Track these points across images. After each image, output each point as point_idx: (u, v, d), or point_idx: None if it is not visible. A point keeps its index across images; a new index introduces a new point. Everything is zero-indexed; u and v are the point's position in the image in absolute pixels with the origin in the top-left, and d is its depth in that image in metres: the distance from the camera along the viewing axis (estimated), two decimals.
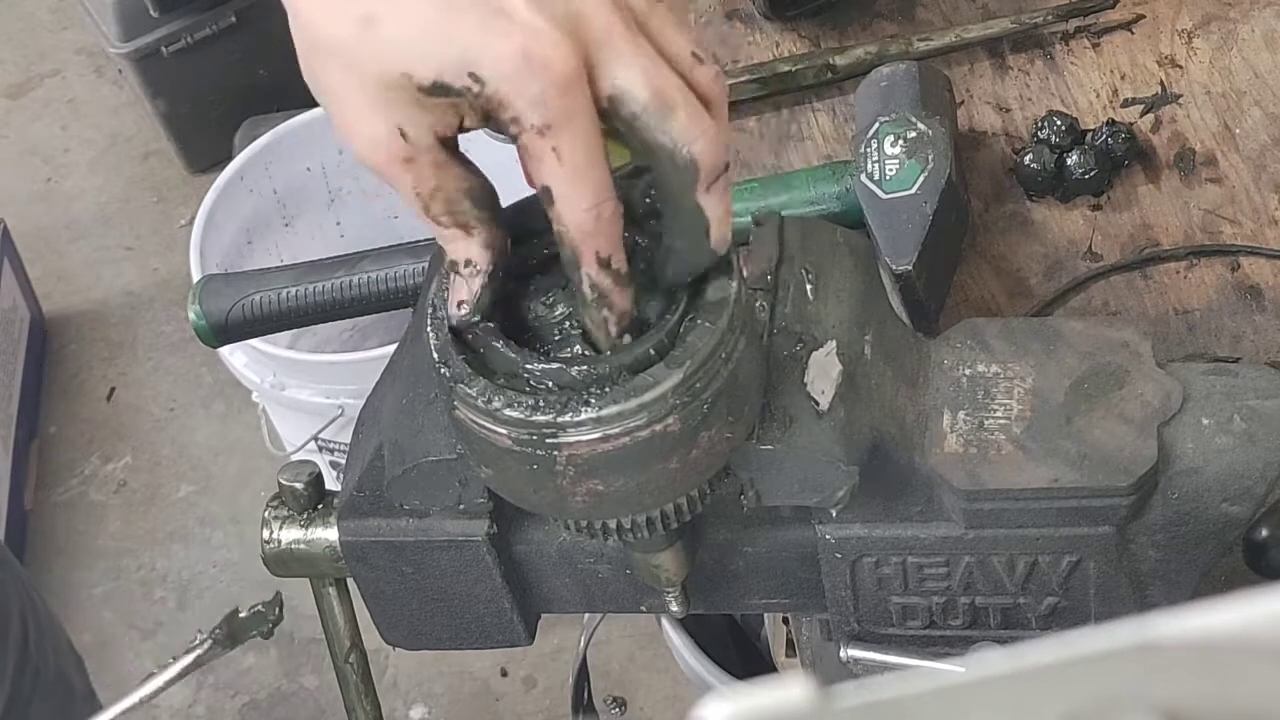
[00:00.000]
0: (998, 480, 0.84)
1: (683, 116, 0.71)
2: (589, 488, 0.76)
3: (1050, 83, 1.24)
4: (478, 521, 0.88)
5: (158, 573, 2.55)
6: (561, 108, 0.68)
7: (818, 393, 0.81)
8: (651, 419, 0.75)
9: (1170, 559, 0.86)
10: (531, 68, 0.67)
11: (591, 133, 0.70)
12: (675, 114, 0.70)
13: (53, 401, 2.78)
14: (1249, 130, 1.19)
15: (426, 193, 0.73)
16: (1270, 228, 1.14)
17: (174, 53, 2.79)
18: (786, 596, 0.93)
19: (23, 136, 3.17)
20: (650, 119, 0.70)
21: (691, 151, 0.71)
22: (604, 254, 0.72)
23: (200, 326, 1.12)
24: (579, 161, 0.70)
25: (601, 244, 0.72)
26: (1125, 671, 0.41)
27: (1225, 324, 1.09)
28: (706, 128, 0.71)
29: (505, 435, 0.76)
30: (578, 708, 1.69)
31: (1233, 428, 0.85)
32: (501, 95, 0.68)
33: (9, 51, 3.29)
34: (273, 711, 2.43)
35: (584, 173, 0.70)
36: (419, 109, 0.70)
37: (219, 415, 2.73)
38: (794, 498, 0.83)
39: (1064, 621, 0.89)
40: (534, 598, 0.94)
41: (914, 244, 1.09)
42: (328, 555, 0.95)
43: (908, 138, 1.12)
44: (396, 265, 1.08)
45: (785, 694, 0.42)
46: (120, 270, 2.95)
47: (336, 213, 2.45)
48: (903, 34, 1.28)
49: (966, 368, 0.88)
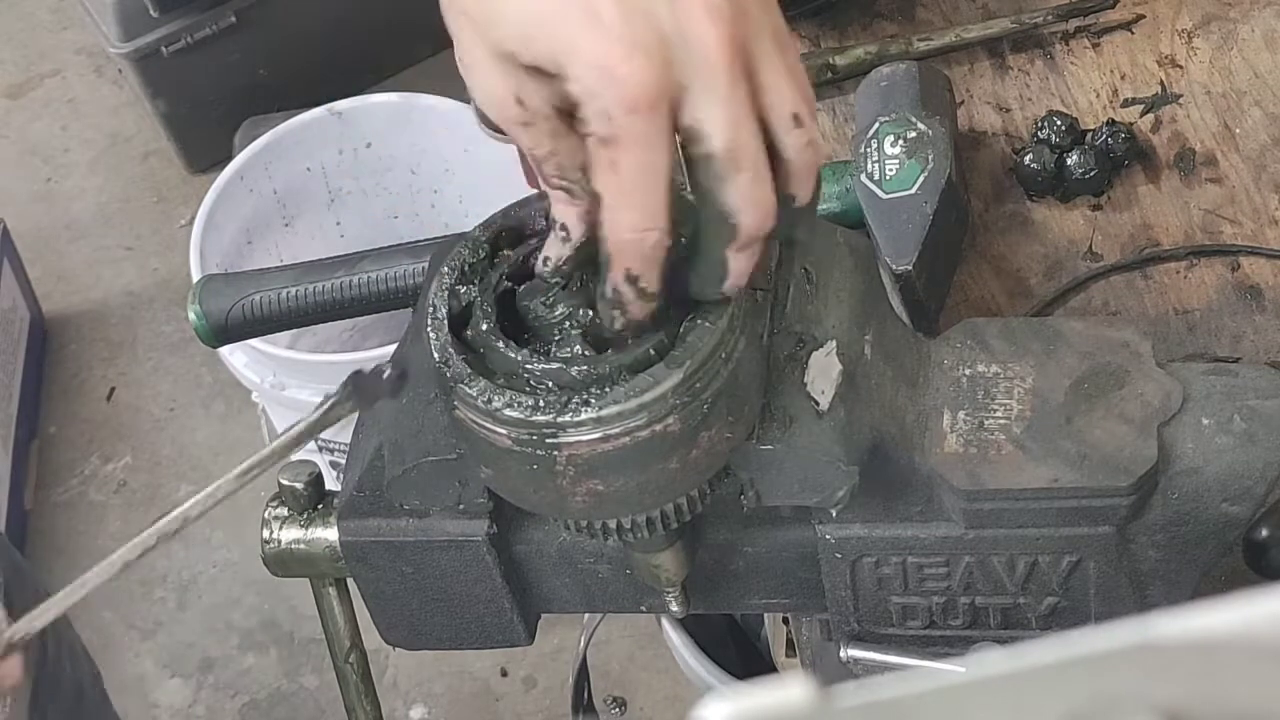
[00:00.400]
0: (998, 480, 0.84)
1: (744, 182, 0.70)
2: (589, 488, 0.77)
3: (1050, 83, 1.24)
4: (478, 521, 0.88)
5: (158, 573, 2.55)
6: (626, 126, 0.67)
7: (818, 393, 0.81)
8: (652, 419, 0.75)
9: (1170, 559, 0.86)
10: (605, 80, 0.67)
11: (655, 158, 0.69)
12: (739, 176, 0.70)
13: (53, 401, 2.78)
14: (1249, 130, 1.19)
15: (541, 155, 0.72)
16: (1270, 228, 1.14)
17: (174, 53, 2.78)
18: (786, 596, 0.93)
19: (23, 136, 3.16)
20: (714, 168, 0.70)
21: (737, 219, 0.71)
22: (634, 272, 0.72)
23: (200, 326, 1.12)
24: (633, 182, 0.69)
25: (635, 263, 0.72)
26: (1125, 671, 0.41)
27: (1225, 324, 1.09)
28: (761, 199, 0.71)
29: (505, 435, 0.76)
30: (578, 708, 1.69)
31: (1233, 428, 0.85)
32: (575, 96, 0.68)
33: (9, 51, 3.29)
34: (273, 711, 2.43)
35: (636, 194, 0.69)
36: (533, 80, 0.70)
37: (219, 415, 2.73)
38: (794, 498, 0.83)
39: (1064, 621, 0.89)
40: (534, 598, 0.94)
41: (914, 244, 1.09)
42: (328, 555, 0.95)
43: (908, 138, 1.12)
44: (396, 265, 1.08)
45: (785, 694, 0.42)
46: (120, 270, 2.95)
47: (336, 213, 2.45)
48: (903, 34, 1.28)
49: (966, 368, 0.88)
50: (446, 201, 2.43)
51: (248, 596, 2.51)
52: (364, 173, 2.41)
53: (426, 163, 2.39)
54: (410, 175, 2.42)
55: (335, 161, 2.39)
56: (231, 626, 2.50)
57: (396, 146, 2.38)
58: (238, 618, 2.51)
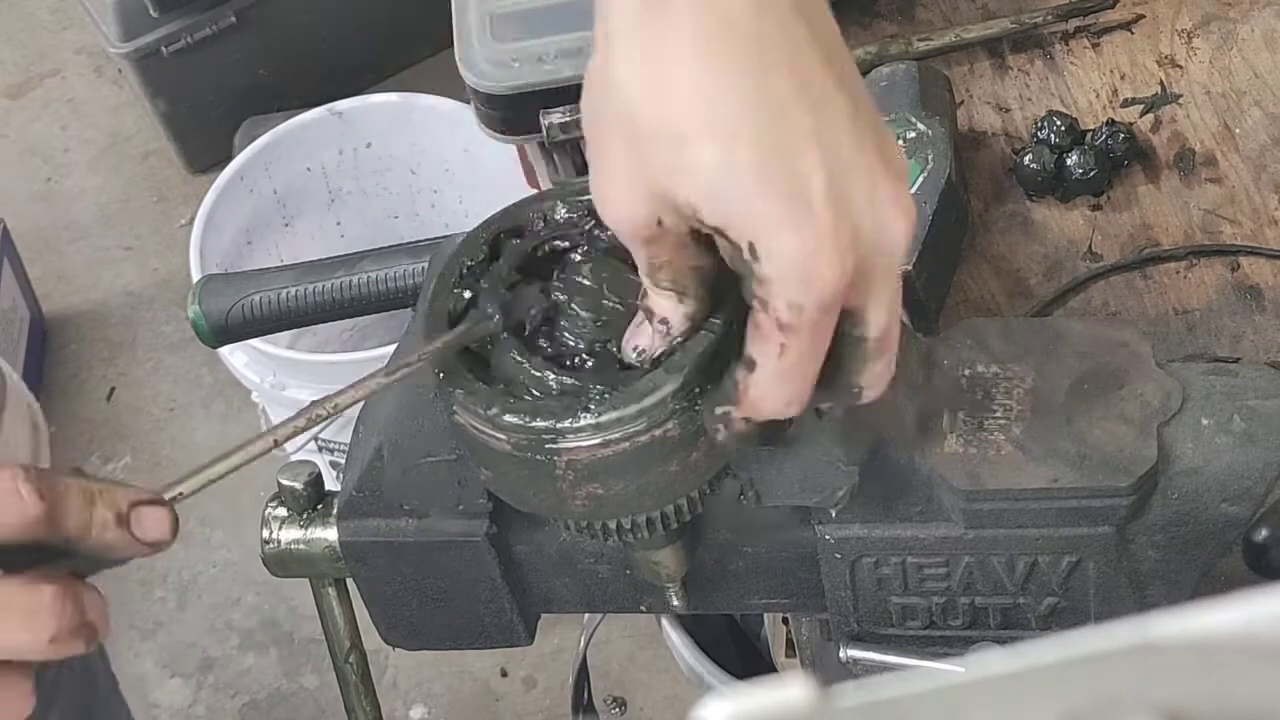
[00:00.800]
0: (997, 480, 0.84)
1: (882, 365, 0.73)
2: (588, 491, 0.76)
3: (1050, 83, 1.24)
4: (478, 521, 0.88)
5: (158, 573, 2.55)
6: (812, 320, 0.68)
7: None
8: (651, 424, 0.75)
9: (1170, 559, 0.86)
10: (806, 275, 0.66)
11: (821, 346, 0.70)
12: (880, 361, 0.73)
13: (53, 401, 2.78)
14: (1249, 130, 1.19)
15: (660, 262, 0.72)
16: (1270, 228, 1.14)
17: (174, 53, 2.78)
18: (786, 596, 0.93)
19: (23, 136, 3.16)
20: (863, 349, 0.72)
21: (865, 393, 0.74)
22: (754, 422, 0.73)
23: (200, 326, 1.12)
24: (795, 367, 0.70)
25: (764, 413, 0.73)
26: (1125, 671, 0.41)
27: (1225, 324, 1.09)
28: (886, 379, 0.74)
29: (504, 441, 0.76)
30: (578, 708, 1.69)
31: (1233, 428, 0.85)
32: (766, 280, 0.67)
33: (9, 51, 3.29)
34: (273, 711, 2.43)
35: (794, 378, 0.70)
36: (689, 223, 0.69)
37: (219, 415, 2.73)
38: (794, 498, 0.83)
39: (1064, 621, 0.89)
40: (534, 598, 0.94)
41: (914, 244, 1.09)
42: (327, 555, 0.95)
43: (908, 138, 1.12)
44: (396, 265, 1.08)
45: (785, 694, 0.42)
46: (120, 270, 2.95)
47: (336, 213, 2.45)
48: (903, 34, 1.28)
49: (966, 368, 0.88)
50: (446, 201, 2.43)
51: (248, 596, 2.51)
52: (364, 173, 2.42)
53: (426, 163, 2.39)
54: (410, 175, 2.42)
55: (335, 161, 2.39)
56: (231, 626, 2.50)
57: (396, 146, 2.38)
58: (238, 618, 2.51)
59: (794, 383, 0.71)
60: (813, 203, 0.65)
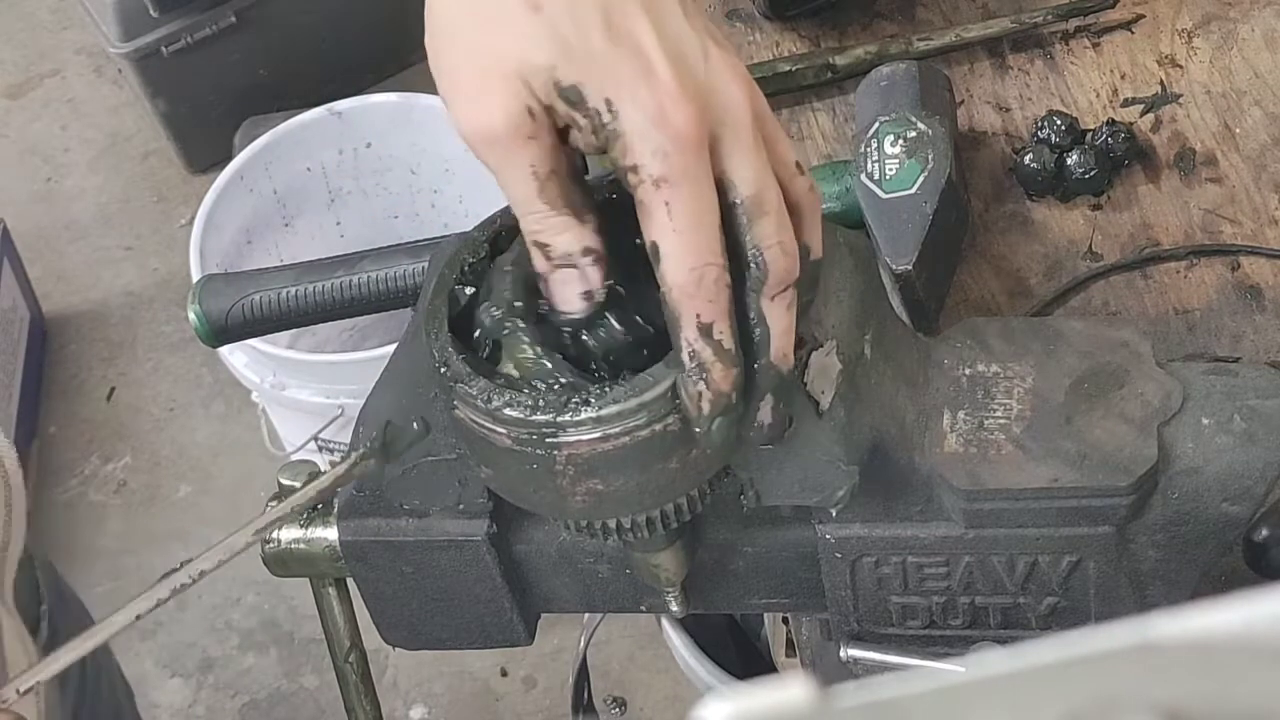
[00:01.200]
0: (998, 480, 0.84)
1: (770, 223, 0.74)
2: (589, 487, 0.76)
3: (1050, 82, 1.24)
4: (478, 521, 0.88)
5: (158, 573, 2.54)
6: (681, 165, 0.71)
7: (818, 393, 0.81)
8: (651, 418, 0.75)
9: (1170, 559, 0.86)
10: (662, 119, 0.71)
11: (706, 196, 0.72)
12: (766, 218, 0.73)
13: (53, 401, 2.78)
14: (1249, 130, 1.19)
15: (545, 173, 0.73)
16: (1270, 228, 1.14)
17: (174, 53, 2.79)
18: (786, 596, 0.93)
19: (23, 136, 3.17)
20: (743, 214, 0.73)
21: (765, 257, 0.74)
22: (705, 319, 0.73)
23: (200, 326, 1.12)
24: (689, 220, 0.72)
25: (703, 308, 0.73)
26: (1125, 671, 0.41)
27: (1225, 324, 1.09)
28: (785, 239, 0.74)
29: (505, 435, 0.75)
30: (578, 708, 1.69)
31: (1233, 428, 0.85)
32: (628, 138, 0.71)
33: (9, 51, 3.29)
34: (273, 711, 2.43)
35: (693, 232, 0.72)
36: (550, 99, 0.72)
37: (219, 415, 2.73)
38: (794, 498, 0.83)
39: (1064, 621, 0.89)
40: (534, 598, 0.94)
41: (914, 244, 1.09)
42: (327, 555, 0.95)
43: (908, 137, 1.12)
44: (396, 265, 1.08)
45: (785, 694, 0.42)
46: (120, 270, 2.95)
47: (336, 213, 2.45)
48: (903, 34, 1.28)
49: (966, 368, 0.88)
50: (446, 201, 2.43)
51: (248, 596, 2.52)
52: (364, 173, 2.42)
53: (426, 163, 2.39)
54: (410, 175, 2.42)
55: (335, 161, 2.39)
56: (231, 626, 2.50)
57: (396, 146, 2.38)
58: (238, 618, 2.51)
59: (695, 238, 0.72)
60: (653, 61, 0.71)
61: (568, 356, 0.76)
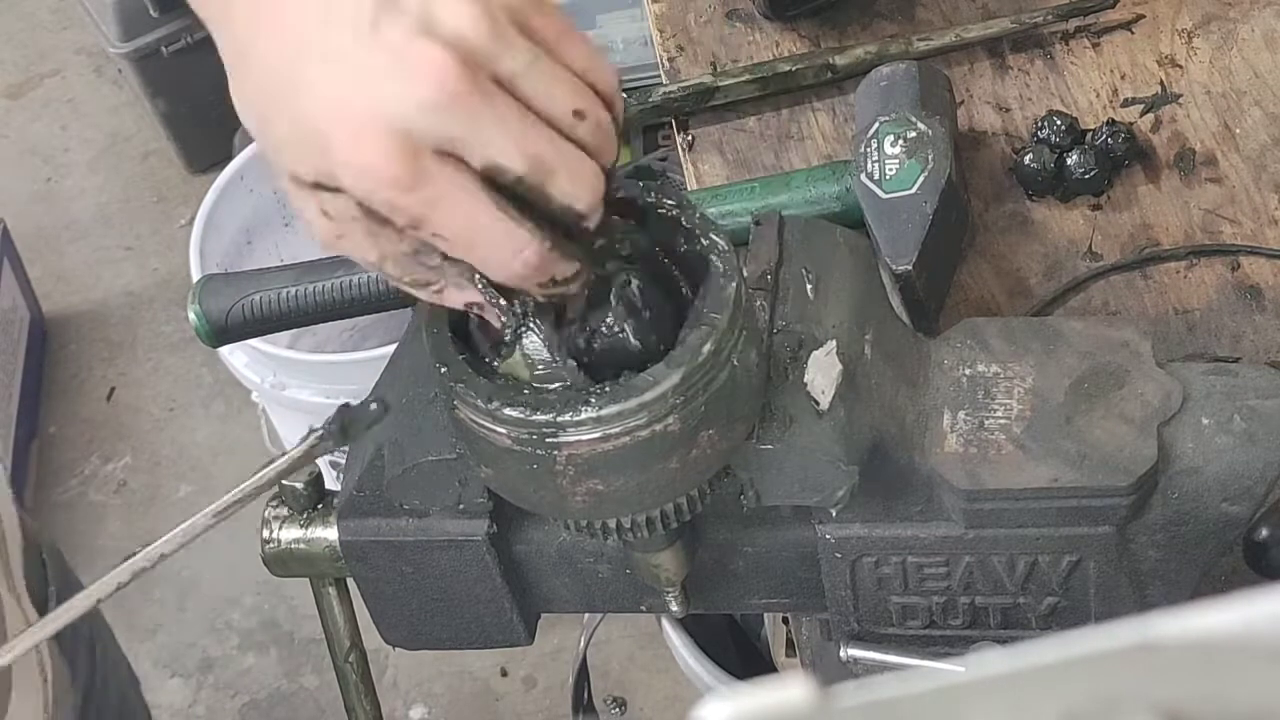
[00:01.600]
0: (998, 480, 0.84)
1: (564, 178, 0.69)
2: (589, 487, 0.76)
3: (1050, 82, 1.24)
4: (478, 521, 0.88)
5: (158, 573, 2.54)
6: (407, 207, 0.66)
7: (818, 393, 0.81)
8: (652, 418, 0.75)
9: (1170, 559, 0.86)
10: (369, 176, 0.66)
11: (464, 201, 0.67)
12: (556, 177, 0.68)
13: (53, 401, 2.78)
14: (1249, 130, 1.19)
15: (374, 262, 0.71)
16: (1270, 228, 1.14)
17: (174, 53, 2.78)
18: (786, 596, 0.93)
19: (23, 136, 3.17)
20: (531, 183, 0.69)
21: (577, 207, 0.70)
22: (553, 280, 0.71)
23: (200, 326, 1.12)
24: (465, 234, 0.68)
25: (542, 277, 0.71)
26: (1125, 671, 0.41)
27: (1225, 324, 1.09)
28: (588, 180, 0.70)
29: (505, 435, 0.75)
30: (578, 708, 1.69)
31: (1233, 428, 0.85)
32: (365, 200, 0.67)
33: (9, 51, 3.29)
34: (273, 711, 2.43)
35: (478, 239, 0.68)
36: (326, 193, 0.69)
37: (219, 415, 2.73)
38: (794, 498, 0.83)
39: (1064, 621, 0.89)
40: (534, 598, 0.94)
41: (914, 244, 1.08)
42: (327, 555, 0.95)
43: (908, 138, 1.12)
44: None
45: (785, 694, 0.42)
46: (120, 270, 2.95)
47: None
48: (903, 34, 1.28)
49: (966, 368, 0.88)
50: None
51: (248, 596, 2.52)
52: None
53: None
54: None
55: None
56: (231, 626, 2.50)
57: None
58: (238, 618, 2.51)
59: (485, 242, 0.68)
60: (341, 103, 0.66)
61: (574, 357, 0.76)
